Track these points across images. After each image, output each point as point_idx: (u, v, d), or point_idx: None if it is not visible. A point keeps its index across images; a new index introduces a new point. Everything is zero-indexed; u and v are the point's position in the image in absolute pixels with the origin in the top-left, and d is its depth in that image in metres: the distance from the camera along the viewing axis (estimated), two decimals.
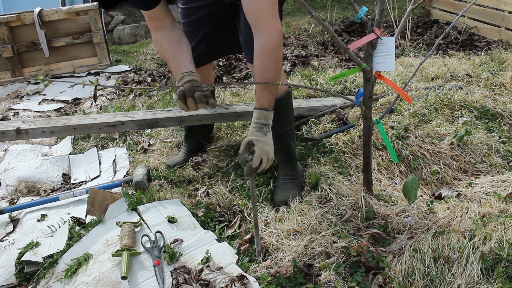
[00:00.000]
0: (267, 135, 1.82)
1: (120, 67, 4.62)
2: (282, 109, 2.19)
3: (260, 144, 1.79)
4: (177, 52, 2.06)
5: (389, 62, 1.73)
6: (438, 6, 5.19)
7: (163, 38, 2.07)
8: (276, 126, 2.20)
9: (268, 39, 1.79)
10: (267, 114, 1.85)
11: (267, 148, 1.80)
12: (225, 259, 1.81)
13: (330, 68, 3.83)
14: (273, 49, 1.80)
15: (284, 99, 2.19)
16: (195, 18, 2.25)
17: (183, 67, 2.00)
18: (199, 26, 2.28)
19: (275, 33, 1.79)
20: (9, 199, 2.64)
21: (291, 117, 2.27)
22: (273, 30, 1.79)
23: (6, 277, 1.97)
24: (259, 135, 1.81)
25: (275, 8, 1.81)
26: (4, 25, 4.21)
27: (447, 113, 2.73)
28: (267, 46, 1.80)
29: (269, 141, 1.82)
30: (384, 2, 1.69)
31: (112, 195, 2.23)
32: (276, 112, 2.17)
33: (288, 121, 2.24)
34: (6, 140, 2.76)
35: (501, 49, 3.96)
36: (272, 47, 1.80)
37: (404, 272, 1.67)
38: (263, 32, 1.80)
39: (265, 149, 1.79)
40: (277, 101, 2.14)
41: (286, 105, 2.22)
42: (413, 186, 2.02)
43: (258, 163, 1.77)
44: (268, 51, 1.80)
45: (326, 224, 1.97)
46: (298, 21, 5.61)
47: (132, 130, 3.00)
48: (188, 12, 2.26)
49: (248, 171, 1.78)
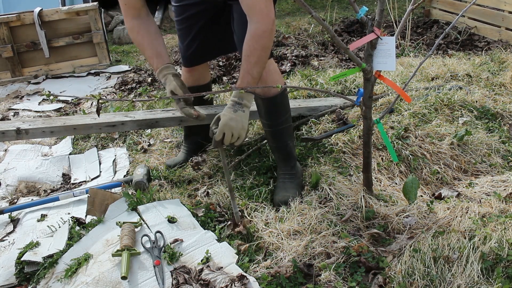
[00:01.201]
0: (237, 112, 1.91)
1: (120, 67, 4.62)
2: (278, 107, 2.22)
3: (225, 118, 1.90)
4: (156, 41, 2.11)
5: (390, 61, 1.73)
6: (438, 6, 5.19)
7: (140, 26, 2.11)
8: (272, 124, 2.23)
9: (258, 27, 1.85)
10: (243, 94, 1.93)
11: (232, 123, 1.89)
12: (225, 259, 1.81)
13: (330, 68, 3.83)
14: (261, 35, 1.86)
15: (280, 97, 2.21)
16: (187, 16, 2.26)
17: (165, 57, 2.09)
18: (191, 24, 2.28)
19: (266, 22, 1.85)
20: (9, 199, 2.64)
21: (287, 115, 2.28)
22: (265, 19, 1.85)
23: (6, 277, 1.97)
24: (228, 111, 1.91)
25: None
26: (4, 25, 4.21)
27: (447, 113, 2.73)
28: (256, 33, 1.87)
29: (237, 118, 1.90)
30: (384, 2, 1.68)
31: (112, 195, 2.23)
32: (272, 111, 2.20)
33: (284, 119, 2.26)
34: (6, 140, 2.76)
35: (501, 49, 3.96)
36: (260, 34, 1.86)
37: (404, 272, 1.67)
38: (255, 20, 1.86)
39: (229, 124, 1.89)
40: (272, 99, 2.16)
41: (282, 103, 2.24)
42: (413, 186, 2.02)
43: (220, 136, 1.91)
44: (255, 36, 1.87)
45: (326, 224, 1.97)
46: (298, 21, 5.61)
47: (132, 130, 3.00)
48: (180, 9, 2.27)
49: (214, 143, 1.94)
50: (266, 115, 2.26)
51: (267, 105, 2.22)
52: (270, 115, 2.24)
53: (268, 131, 2.31)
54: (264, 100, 2.21)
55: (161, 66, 2.11)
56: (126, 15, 2.12)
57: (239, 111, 1.92)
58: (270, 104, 2.21)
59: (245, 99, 1.94)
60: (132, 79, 4.24)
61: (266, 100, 2.20)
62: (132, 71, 4.54)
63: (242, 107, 1.93)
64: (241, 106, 1.93)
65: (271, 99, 2.19)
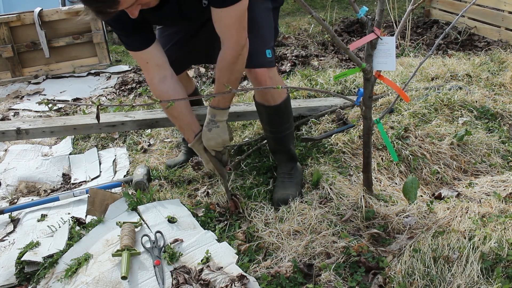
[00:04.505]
0: (211, 130, 2.04)
1: (120, 67, 4.62)
2: (281, 115, 2.20)
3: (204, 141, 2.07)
4: (185, 109, 2.12)
5: (390, 61, 1.73)
6: (438, 6, 5.19)
7: (169, 90, 2.05)
8: (276, 131, 2.23)
9: (228, 52, 1.89)
10: (215, 111, 2.03)
11: (211, 143, 2.05)
12: (225, 259, 1.81)
13: (330, 68, 3.83)
14: (230, 61, 1.90)
15: (283, 105, 2.18)
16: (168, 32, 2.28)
17: (194, 127, 2.13)
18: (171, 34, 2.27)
19: (236, 47, 1.88)
20: (9, 199, 2.64)
21: (290, 121, 2.27)
22: (235, 45, 1.88)
23: (6, 277, 1.98)
24: (204, 133, 2.06)
25: (241, 24, 1.84)
26: (4, 25, 4.22)
27: (447, 113, 2.73)
28: (225, 57, 1.91)
29: (214, 136, 2.04)
30: (384, 2, 1.68)
31: (112, 195, 2.23)
32: (276, 119, 2.19)
33: (287, 125, 2.25)
34: (6, 140, 2.76)
35: (500, 49, 3.96)
36: (229, 59, 1.90)
37: (404, 272, 1.67)
38: (226, 45, 1.89)
39: (208, 144, 2.06)
40: (276, 108, 2.15)
41: (285, 111, 2.22)
42: (413, 186, 2.02)
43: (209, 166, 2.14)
44: (224, 61, 1.91)
45: (326, 224, 1.98)
46: (298, 21, 5.62)
47: (132, 130, 3.00)
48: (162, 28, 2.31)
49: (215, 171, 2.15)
50: (269, 122, 2.24)
51: (270, 113, 2.20)
52: (273, 123, 2.23)
53: (270, 136, 2.30)
54: (267, 108, 2.17)
55: (193, 140, 2.12)
56: (151, 78, 2.03)
57: (214, 129, 2.04)
58: (273, 112, 2.19)
59: (218, 116, 2.03)
60: (132, 79, 4.24)
61: (269, 108, 2.17)
62: (132, 71, 4.54)
63: (216, 123, 2.03)
64: (214, 123, 2.03)
65: (274, 108, 2.16)
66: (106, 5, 1.56)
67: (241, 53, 1.90)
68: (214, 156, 2.12)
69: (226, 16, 1.80)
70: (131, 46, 2.00)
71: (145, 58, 2.01)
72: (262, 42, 2.03)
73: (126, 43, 2.01)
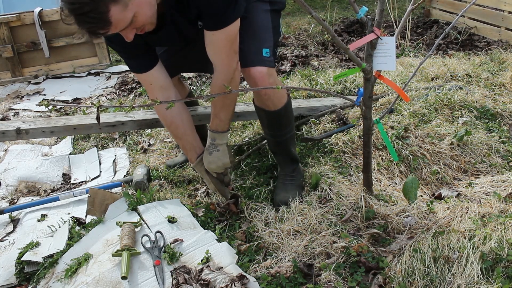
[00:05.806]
0: (212, 154, 2.08)
1: (120, 67, 4.62)
2: (282, 119, 2.18)
3: (205, 164, 2.12)
4: (189, 130, 2.15)
5: (390, 61, 1.73)
6: (438, 6, 5.19)
7: (174, 117, 2.11)
8: (277, 135, 2.22)
9: (219, 76, 1.91)
10: (215, 135, 2.06)
11: (212, 166, 2.10)
12: (225, 259, 1.81)
13: (330, 68, 3.83)
14: (220, 86, 1.89)
15: (284, 110, 2.15)
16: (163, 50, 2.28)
17: (198, 148, 2.17)
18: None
19: (226, 72, 1.89)
20: (9, 199, 2.64)
21: (291, 125, 2.26)
22: (225, 69, 1.89)
23: (6, 277, 1.98)
24: (205, 157, 2.10)
25: (232, 47, 1.85)
26: (4, 25, 4.22)
27: (447, 113, 2.73)
28: (217, 83, 1.92)
29: (214, 159, 2.08)
30: (384, 2, 1.68)
31: (112, 195, 2.23)
32: (277, 123, 2.19)
33: (288, 129, 2.24)
34: (6, 140, 2.76)
35: (500, 49, 3.96)
36: (220, 85, 1.89)
37: (404, 272, 1.67)
38: (217, 70, 1.91)
39: (210, 167, 2.11)
40: (277, 113, 2.14)
41: (286, 115, 2.20)
42: (413, 186, 2.02)
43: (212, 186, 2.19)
44: (216, 86, 1.93)
45: (326, 224, 1.98)
46: (298, 21, 5.62)
47: (132, 130, 3.00)
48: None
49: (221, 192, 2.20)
50: (270, 127, 2.21)
51: (271, 118, 2.17)
52: (274, 127, 2.21)
53: (270, 139, 2.29)
54: (268, 113, 2.13)
55: (195, 161, 2.17)
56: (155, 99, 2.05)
57: (214, 152, 2.07)
58: (274, 117, 2.16)
59: (217, 139, 2.06)
60: (132, 79, 4.24)
61: (270, 113, 2.13)
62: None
63: (216, 146, 2.06)
64: (215, 146, 2.07)
65: (275, 112, 2.12)
66: (98, 26, 1.57)
67: (233, 77, 1.91)
68: (216, 178, 2.16)
69: (217, 40, 1.82)
70: (135, 68, 2.04)
71: (149, 80, 2.04)
72: (258, 41, 1.99)
73: (130, 66, 2.05)
